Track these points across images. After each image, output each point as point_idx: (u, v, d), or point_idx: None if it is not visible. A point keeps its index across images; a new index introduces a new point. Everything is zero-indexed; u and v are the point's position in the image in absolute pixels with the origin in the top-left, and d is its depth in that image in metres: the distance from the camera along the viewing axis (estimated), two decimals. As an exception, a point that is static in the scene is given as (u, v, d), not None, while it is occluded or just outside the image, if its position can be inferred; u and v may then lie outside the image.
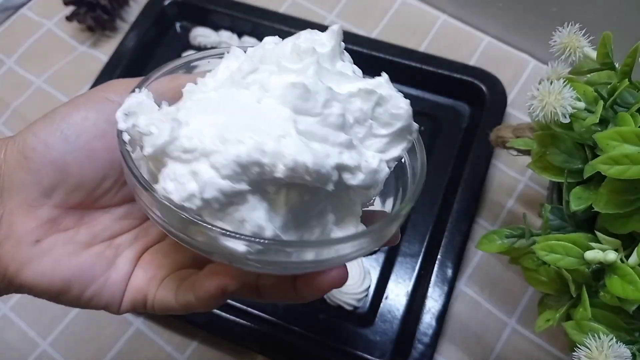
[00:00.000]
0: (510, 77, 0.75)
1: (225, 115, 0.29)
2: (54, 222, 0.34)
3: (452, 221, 0.64)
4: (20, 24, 0.86)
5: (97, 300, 0.35)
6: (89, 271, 0.34)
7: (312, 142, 0.29)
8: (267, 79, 0.30)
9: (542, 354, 0.61)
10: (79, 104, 0.34)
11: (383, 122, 0.33)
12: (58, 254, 0.33)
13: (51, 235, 0.33)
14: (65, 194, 0.33)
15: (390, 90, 0.33)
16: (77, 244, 0.34)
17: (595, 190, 0.42)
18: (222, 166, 0.27)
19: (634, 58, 0.42)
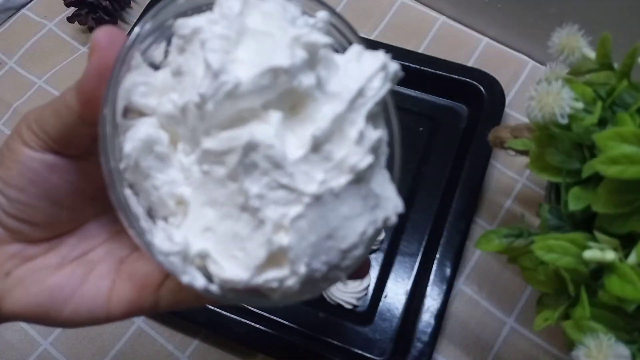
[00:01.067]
0: (508, 78, 0.75)
1: (328, 231, 0.29)
2: (21, 254, 0.35)
3: (451, 220, 0.64)
4: (21, 24, 0.86)
5: (79, 316, 0.35)
6: (62, 292, 0.35)
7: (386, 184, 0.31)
8: (327, 173, 0.29)
9: (540, 353, 0.61)
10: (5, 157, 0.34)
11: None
12: (28, 282, 0.35)
13: (20, 266, 0.35)
14: (25, 235, 0.35)
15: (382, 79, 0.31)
16: (46, 270, 0.35)
17: (593, 190, 0.42)
18: (350, 266, 0.30)
19: (633, 58, 0.43)
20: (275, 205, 0.28)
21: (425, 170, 0.71)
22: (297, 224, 0.28)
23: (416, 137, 0.73)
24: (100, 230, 0.38)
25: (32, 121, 0.33)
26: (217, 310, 0.61)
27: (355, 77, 0.31)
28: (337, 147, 0.29)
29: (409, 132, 0.73)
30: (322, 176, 0.28)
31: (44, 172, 0.33)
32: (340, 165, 0.28)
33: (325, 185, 0.28)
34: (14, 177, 0.33)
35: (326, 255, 0.29)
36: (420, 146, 0.72)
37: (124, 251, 0.37)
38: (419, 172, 0.70)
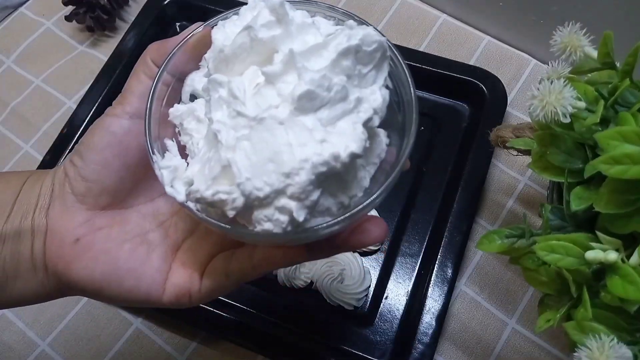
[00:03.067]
0: (510, 77, 0.75)
1: (269, 152, 0.33)
2: (89, 222, 0.39)
3: (452, 221, 0.64)
4: (19, 23, 0.86)
5: (136, 292, 0.39)
6: (125, 266, 0.39)
7: (337, 122, 0.34)
8: (267, 95, 0.34)
9: (542, 354, 0.61)
10: (90, 129, 0.40)
11: (366, 61, 0.36)
12: (96, 249, 0.39)
13: (89, 234, 0.39)
14: (93, 199, 0.40)
15: (358, 32, 0.35)
16: (112, 240, 0.40)
17: (595, 190, 0.42)
18: (300, 193, 0.32)
19: (635, 57, 0.42)
20: (233, 130, 0.33)
21: (427, 169, 0.70)
22: (241, 144, 0.33)
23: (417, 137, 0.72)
24: (158, 212, 0.42)
25: (118, 98, 0.40)
26: (217, 311, 0.61)
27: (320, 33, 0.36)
28: (286, 84, 0.34)
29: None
30: (267, 104, 0.33)
31: (121, 134, 0.39)
32: (287, 97, 0.33)
33: (268, 112, 0.33)
34: (94, 140, 0.39)
35: (267, 176, 0.32)
36: (421, 145, 0.72)
37: (179, 237, 0.42)
38: (420, 171, 0.70)
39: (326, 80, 0.33)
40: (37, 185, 0.41)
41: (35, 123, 0.77)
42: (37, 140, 0.76)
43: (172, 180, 0.36)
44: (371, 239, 0.38)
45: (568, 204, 0.44)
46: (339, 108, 0.33)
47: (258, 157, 0.33)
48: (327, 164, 0.32)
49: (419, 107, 0.38)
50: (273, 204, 0.33)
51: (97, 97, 0.74)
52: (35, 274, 0.39)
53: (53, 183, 0.40)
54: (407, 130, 0.38)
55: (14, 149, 0.76)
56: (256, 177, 0.32)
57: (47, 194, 0.40)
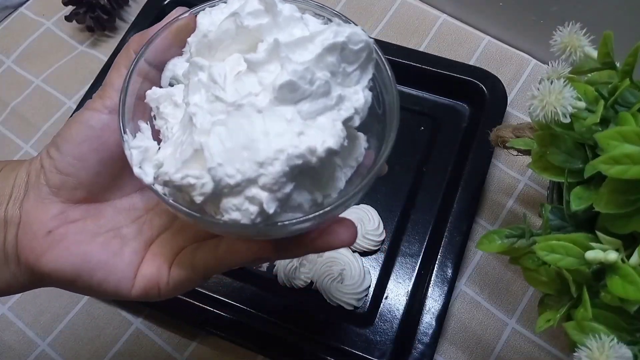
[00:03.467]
0: (510, 77, 0.75)
1: (244, 139, 0.32)
2: (63, 214, 0.39)
3: (452, 221, 0.64)
4: (19, 23, 0.86)
5: (106, 285, 0.39)
6: (96, 258, 0.38)
7: (317, 117, 0.33)
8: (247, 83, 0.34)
9: (542, 354, 0.61)
10: (68, 121, 0.40)
11: (351, 60, 0.35)
12: (67, 242, 0.38)
13: (61, 227, 0.39)
14: (68, 192, 0.39)
15: (345, 30, 0.34)
16: (85, 234, 0.39)
17: (595, 190, 0.42)
18: (272, 184, 0.32)
19: (635, 57, 0.42)
20: (209, 115, 0.33)
21: (427, 169, 0.70)
22: (216, 129, 0.32)
23: (417, 137, 0.72)
24: (133, 207, 0.42)
25: (98, 91, 0.40)
26: (216, 311, 0.61)
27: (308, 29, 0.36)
28: (268, 73, 0.33)
29: (410, 131, 0.73)
30: (247, 91, 0.33)
31: (99, 128, 0.38)
32: (268, 86, 0.33)
33: (247, 99, 0.32)
34: (72, 133, 0.38)
35: (240, 164, 0.32)
36: (421, 145, 0.72)
37: (154, 233, 0.41)
38: (420, 171, 0.70)
39: (309, 73, 0.33)
40: (12, 175, 0.40)
41: (35, 123, 0.77)
42: (37, 140, 0.76)
43: (142, 162, 0.35)
44: (339, 241, 0.38)
45: (568, 204, 0.44)
46: (320, 103, 0.33)
47: (232, 144, 0.32)
48: (303, 157, 0.32)
49: (399, 114, 0.37)
50: (243, 193, 0.32)
51: (97, 97, 0.74)
52: (8, 266, 0.39)
53: (28, 173, 0.40)
54: (387, 135, 0.37)
55: (14, 149, 0.76)
56: (228, 163, 0.32)
57: (22, 184, 0.40)
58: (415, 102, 0.75)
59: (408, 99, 0.75)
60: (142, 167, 0.35)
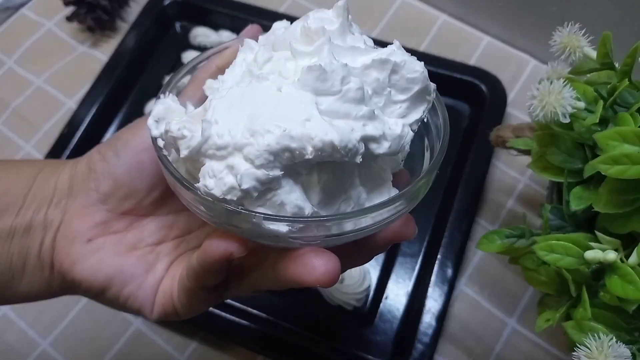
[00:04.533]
0: (510, 77, 0.75)
1: (250, 108, 0.30)
2: (106, 224, 0.38)
3: (452, 221, 0.64)
4: (20, 24, 0.86)
5: (133, 300, 0.38)
6: (129, 271, 0.38)
7: (336, 119, 0.30)
8: (284, 66, 0.32)
9: (542, 354, 0.61)
10: (131, 125, 0.39)
11: (401, 88, 0.33)
12: (105, 252, 0.38)
13: (102, 236, 0.38)
14: (118, 201, 0.38)
15: (403, 55, 0.33)
16: (123, 246, 0.38)
17: (595, 190, 0.42)
18: (255, 157, 0.29)
19: (634, 58, 0.42)
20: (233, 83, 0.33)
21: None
22: (231, 91, 0.32)
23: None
24: (176, 226, 0.40)
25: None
26: (216, 311, 0.61)
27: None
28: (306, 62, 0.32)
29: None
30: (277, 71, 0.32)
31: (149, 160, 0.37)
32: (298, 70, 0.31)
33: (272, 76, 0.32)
34: (135, 139, 0.38)
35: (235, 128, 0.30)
36: (421, 146, 0.72)
37: (187, 249, 0.40)
38: (420, 171, 0.70)
39: (344, 71, 0.31)
40: (53, 178, 0.39)
41: (37, 123, 0.77)
42: (38, 141, 0.76)
43: (160, 118, 0.34)
44: (310, 277, 0.31)
45: (568, 204, 0.44)
46: (344, 107, 0.30)
47: (237, 109, 0.30)
48: (298, 141, 0.29)
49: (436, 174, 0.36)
50: (226, 160, 0.30)
51: (98, 97, 0.74)
52: (42, 272, 0.38)
53: (72, 176, 0.39)
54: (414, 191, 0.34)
55: (15, 149, 0.76)
56: (224, 123, 0.30)
57: (64, 188, 0.39)
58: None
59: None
60: (158, 121, 0.34)
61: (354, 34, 0.35)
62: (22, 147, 0.76)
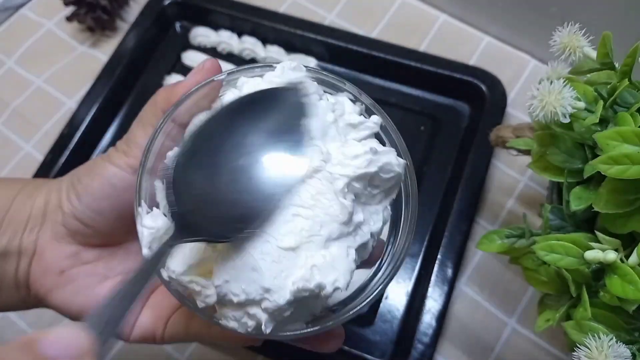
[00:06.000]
0: (510, 77, 0.75)
1: (254, 263, 0.32)
2: (77, 256, 0.40)
3: (452, 221, 0.64)
4: (20, 24, 0.86)
5: None
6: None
7: (332, 244, 0.33)
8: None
9: (542, 354, 0.61)
10: (90, 166, 0.40)
11: (377, 184, 0.36)
12: (77, 285, 0.40)
13: (74, 268, 0.40)
14: (85, 238, 0.40)
15: (383, 158, 0.35)
16: (95, 277, 0.41)
17: (595, 190, 0.42)
18: (274, 310, 0.32)
19: (634, 58, 0.42)
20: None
21: (426, 170, 0.70)
22: (227, 245, 0.33)
23: (417, 137, 0.73)
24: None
25: (122, 143, 0.39)
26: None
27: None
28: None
29: (410, 131, 0.73)
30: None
31: (121, 188, 0.38)
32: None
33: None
34: (94, 187, 0.39)
35: (246, 284, 0.32)
36: (421, 146, 0.72)
37: (158, 282, 0.41)
38: (420, 171, 0.70)
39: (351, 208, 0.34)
40: (29, 202, 0.41)
41: (37, 123, 0.77)
42: (38, 141, 0.76)
43: (151, 242, 0.35)
44: (326, 349, 0.40)
45: (568, 204, 0.44)
46: (340, 228, 0.34)
47: (242, 262, 0.32)
48: (310, 291, 0.32)
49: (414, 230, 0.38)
50: (244, 309, 0.33)
51: (98, 97, 0.74)
52: (18, 291, 0.40)
53: (46, 204, 0.40)
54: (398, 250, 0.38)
55: (15, 149, 0.76)
56: (235, 281, 0.32)
57: (39, 215, 0.40)
58: (414, 102, 0.75)
59: (408, 99, 0.75)
60: (151, 248, 0.35)
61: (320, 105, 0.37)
62: (22, 147, 0.76)
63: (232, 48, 0.78)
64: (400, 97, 0.75)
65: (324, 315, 0.37)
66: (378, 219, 0.36)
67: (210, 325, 0.39)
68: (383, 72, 0.75)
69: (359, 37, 0.77)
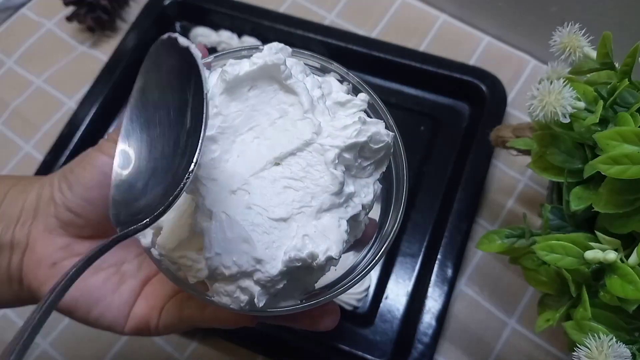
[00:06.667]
0: (510, 77, 0.75)
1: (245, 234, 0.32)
2: (68, 247, 0.40)
3: (452, 221, 0.64)
4: (20, 24, 0.86)
5: (102, 320, 0.40)
6: (95, 294, 0.40)
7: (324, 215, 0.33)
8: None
9: (542, 354, 0.61)
10: (83, 157, 0.40)
11: (368, 155, 0.36)
12: None
13: (66, 259, 0.39)
14: (76, 229, 0.40)
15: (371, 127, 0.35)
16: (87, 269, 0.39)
17: (595, 190, 0.42)
18: (266, 282, 0.32)
19: (634, 58, 0.42)
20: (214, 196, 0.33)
21: (427, 169, 0.70)
22: (220, 215, 0.32)
23: (417, 137, 0.73)
24: (137, 243, 0.41)
25: (112, 133, 0.39)
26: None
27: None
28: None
29: (410, 131, 0.73)
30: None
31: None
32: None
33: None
34: (86, 176, 0.39)
35: (238, 256, 0.32)
36: (421, 145, 0.72)
37: (152, 270, 0.43)
38: (420, 171, 0.70)
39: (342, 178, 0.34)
40: (21, 198, 0.41)
41: (36, 123, 0.77)
42: (38, 141, 0.76)
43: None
44: (322, 327, 0.40)
45: (568, 204, 0.44)
46: (331, 199, 0.34)
47: (233, 234, 0.32)
48: (303, 261, 0.32)
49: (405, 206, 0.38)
50: (237, 282, 0.33)
51: (98, 97, 0.74)
52: (11, 286, 0.40)
53: (38, 198, 0.40)
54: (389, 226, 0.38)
55: (15, 149, 0.76)
56: (227, 253, 0.32)
57: (30, 209, 0.40)
58: (415, 102, 0.75)
59: (408, 99, 0.75)
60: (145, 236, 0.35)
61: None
62: (22, 147, 0.76)
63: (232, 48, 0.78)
64: (400, 97, 0.75)
65: (316, 293, 0.37)
66: (369, 192, 0.36)
67: (203, 308, 0.39)
68: (383, 72, 0.75)
69: (359, 37, 0.77)
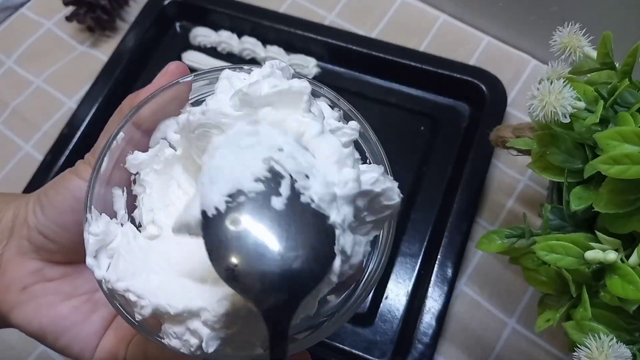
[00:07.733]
0: (510, 77, 0.75)
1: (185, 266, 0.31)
2: (40, 272, 0.38)
3: (452, 221, 0.64)
4: (19, 23, 0.86)
5: (69, 350, 0.39)
6: (62, 323, 0.38)
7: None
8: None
9: (542, 354, 0.61)
10: (57, 180, 0.39)
11: (374, 211, 0.32)
12: (39, 302, 0.38)
13: (37, 284, 0.38)
14: (48, 254, 0.38)
15: (386, 182, 0.32)
16: (58, 295, 0.39)
17: (595, 190, 0.42)
18: (214, 322, 0.29)
19: (634, 57, 0.42)
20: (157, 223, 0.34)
21: (427, 169, 0.70)
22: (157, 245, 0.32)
23: (417, 137, 0.72)
24: None
25: (89, 155, 0.38)
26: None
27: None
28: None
29: (410, 131, 0.73)
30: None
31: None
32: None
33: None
34: (58, 200, 0.37)
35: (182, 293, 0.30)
36: (421, 145, 0.72)
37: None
38: (420, 171, 0.70)
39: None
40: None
41: (36, 123, 0.77)
42: (38, 141, 0.76)
43: (98, 250, 0.33)
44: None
45: (568, 204, 0.44)
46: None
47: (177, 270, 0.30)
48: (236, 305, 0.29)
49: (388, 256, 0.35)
50: (185, 324, 0.30)
51: (98, 97, 0.74)
52: None
53: (14, 218, 0.39)
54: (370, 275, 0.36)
55: (15, 149, 0.76)
56: (171, 292, 0.30)
57: (6, 229, 0.39)
58: (415, 102, 0.75)
59: (408, 99, 0.75)
60: (97, 256, 0.33)
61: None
62: (22, 147, 0.76)
63: (232, 48, 0.78)
64: (400, 97, 0.75)
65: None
66: (359, 252, 0.31)
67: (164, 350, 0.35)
68: (383, 72, 0.75)
69: (359, 37, 0.77)
